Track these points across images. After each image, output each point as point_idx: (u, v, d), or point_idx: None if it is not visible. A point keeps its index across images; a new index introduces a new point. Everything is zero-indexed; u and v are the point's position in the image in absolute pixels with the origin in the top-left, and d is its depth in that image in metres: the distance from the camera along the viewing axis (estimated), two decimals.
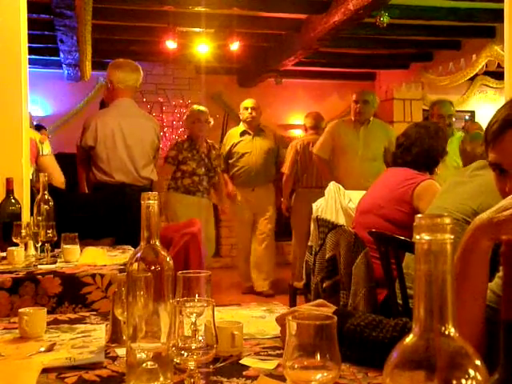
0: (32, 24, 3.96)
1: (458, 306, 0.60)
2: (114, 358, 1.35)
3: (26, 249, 2.67)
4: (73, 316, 1.81)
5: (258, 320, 1.69)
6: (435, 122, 4.26)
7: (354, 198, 3.79)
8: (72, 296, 2.27)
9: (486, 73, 7.84)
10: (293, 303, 4.24)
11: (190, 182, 5.45)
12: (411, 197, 2.99)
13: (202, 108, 5.69)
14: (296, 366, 0.87)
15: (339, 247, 2.83)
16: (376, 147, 5.36)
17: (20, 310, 1.57)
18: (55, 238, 2.66)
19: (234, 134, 6.27)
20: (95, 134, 3.87)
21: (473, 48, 7.49)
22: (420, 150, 3.13)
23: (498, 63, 6.88)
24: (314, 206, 3.88)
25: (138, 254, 1.17)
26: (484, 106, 8.93)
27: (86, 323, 1.68)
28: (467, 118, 9.06)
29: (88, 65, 7.21)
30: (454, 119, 5.36)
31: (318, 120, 6.27)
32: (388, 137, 5.38)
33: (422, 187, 2.99)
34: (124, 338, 1.32)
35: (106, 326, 1.59)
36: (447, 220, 0.60)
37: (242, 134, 6.16)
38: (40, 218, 2.73)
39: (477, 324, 1.13)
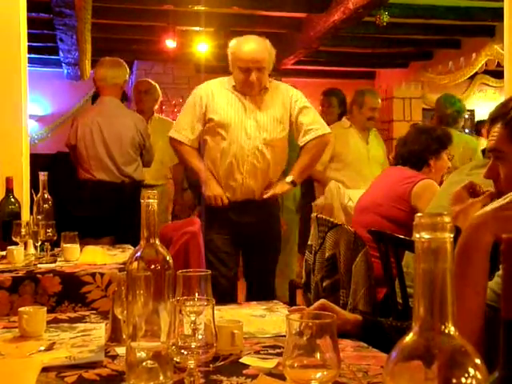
0: (32, 23, 3.96)
1: (458, 302, 0.60)
2: (114, 357, 1.35)
3: (25, 248, 2.67)
4: (73, 315, 1.81)
5: (257, 319, 1.69)
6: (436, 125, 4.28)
7: (353, 196, 3.80)
8: (72, 295, 2.27)
9: (486, 72, 7.84)
10: (292, 303, 4.24)
11: None
12: (409, 195, 3.00)
13: None
14: (296, 364, 0.87)
15: (339, 246, 2.84)
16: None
17: (20, 309, 1.57)
18: (55, 237, 2.66)
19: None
20: (76, 132, 3.93)
21: (472, 47, 7.49)
22: (411, 149, 3.16)
23: (498, 62, 6.88)
24: (314, 205, 3.88)
25: (138, 253, 1.17)
26: (483, 105, 8.93)
27: (85, 322, 1.68)
28: (467, 116, 9.06)
29: (88, 64, 7.21)
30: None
31: None
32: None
33: (420, 186, 3.01)
34: (124, 336, 1.32)
35: (106, 324, 1.59)
36: (447, 219, 0.60)
37: None
38: (40, 217, 2.73)
39: (477, 319, 1.13)
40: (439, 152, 3.17)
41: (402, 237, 2.54)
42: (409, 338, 0.61)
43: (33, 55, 6.66)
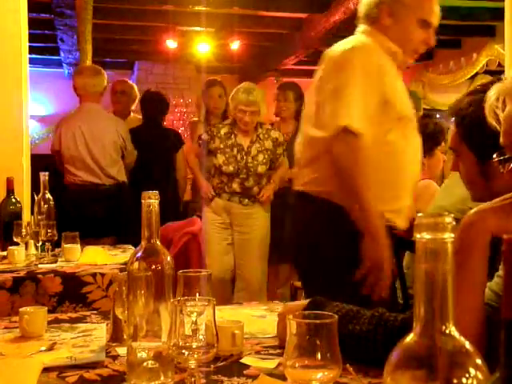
0: (32, 23, 3.96)
1: (457, 298, 0.61)
2: (115, 357, 1.35)
3: (26, 248, 2.67)
4: (73, 315, 1.81)
5: (258, 319, 1.69)
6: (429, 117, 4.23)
7: None
8: (73, 295, 2.27)
9: (487, 72, 7.83)
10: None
11: None
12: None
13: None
14: (297, 365, 0.87)
15: None
16: None
17: (21, 309, 1.57)
18: (56, 237, 2.66)
19: None
20: (59, 139, 4.09)
21: (473, 47, 7.49)
22: None
23: (499, 62, 6.89)
24: None
25: (139, 254, 1.17)
26: None
27: (86, 322, 1.68)
28: None
29: (88, 64, 7.20)
30: None
31: None
32: None
33: (419, 187, 2.99)
34: (125, 337, 1.32)
35: (107, 325, 1.59)
36: (448, 219, 0.60)
37: None
38: (40, 217, 2.73)
39: (475, 316, 1.13)
40: (432, 150, 3.12)
41: (403, 237, 2.53)
42: (410, 338, 0.61)
43: (34, 55, 6.66)
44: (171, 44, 6.75)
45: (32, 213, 2.94)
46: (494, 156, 1.25)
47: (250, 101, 3.83)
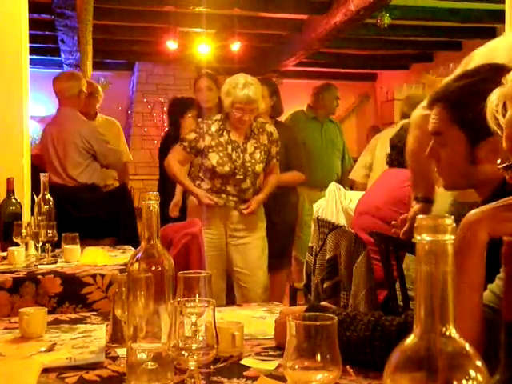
0: (33, 24, 3.97)
1: (456, 299, 0.60)
2: (115, 358, 1.35)
3: (26, 249, 2.67)
4: (73, 316, 1.81)
5: (258, 320, 1.70)
6: None
7: (354, 198, 3.79)
8: (72, 296, 2.27)
9: None
10: (292, 303, 4.24)
11: None
12: (409, 199, 2.99)
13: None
14: (296, 366, 0.87)
15: (340, 248, 2.83)
16: None
17: (20, 310, 1.57)
18: (56, 238, 2.66)
19: None
20: (40, 141, 4.36)
21: (473, 49, 7.47)
22: (403, 149, 3.13)
23: None
24: (315, 206, 3.88)
25: (139, 254, 1.17)
26: None
27: (86, 323, 1.68)
28: None
29: (89, 65, 7.21)
30: None
31: None
32: None
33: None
34: (124, 338, 1.32)
35: (107, 326, 1.59)
36: (448, 221, 0.60)
37: None
38: (40, 218, 2.73)
39: (474, 317, 1.13)
40: None
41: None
42: (410, 340, 0.61)
43: (34, 56, 6.66)
44: (172, 45, 6.75)
45: (32, 213, 2.94)
46: (498, 162, 1.26)
47: (251, 99, 3.39)
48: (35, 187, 3.92)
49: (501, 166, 1.25)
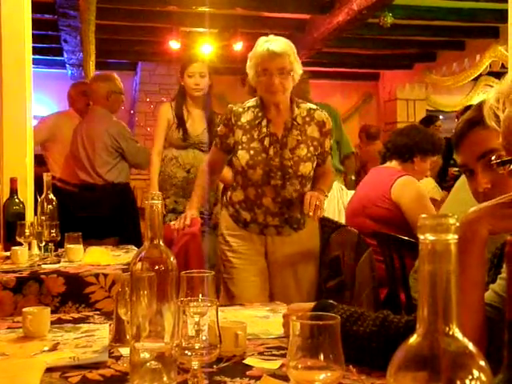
0: (36, 24, 3.97)
1: (457, 297, 0.60)
2: (118, 358, 1.35)
3: (29, 248, 2.68)
4: (76, 315, 1.81)
5: (261, 320, 1.69)
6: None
7: None
8: (75, 295, 2.27)
9: (490, 73, 7.83)
10: None
11: None
12: (389, 192, 3.00)
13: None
14: (300, 366, 0.87)
15: (343, 247, 2.83)
16: None
17: (24, 310, 1.57)
18: (59, 238, 2.66)
19: None
20: (71, 140, 4.36)
21: (476, 48, 7.49)
22: (403, 140, 3.16)
23: (502, 63, 6.88)
24: None
25: (142, 254, 1.17)
26: None
27: (89, 323, 1.69)
28: None
29: (92, 65, 7.22)
30: None
31: None
32: None
33: (400, 183, 3.01)
34: (127, 337, 1.32)
35: (110, 325, 1.59)
36: (451, 220, 0.60)
37: None
38: (44, 218, 2.74)
39: (476, 314, 1.13)
40: (427, 153, 3.17)
41: (406, 238, 2.54)
42: (413, 339, 0.61)
43: (37, 56, 6.67)
44: (174, 45, 6.76)
45: (35, 213, 2.94)
46: (493, 158, 1.26)
47: (274, 53, 2.59)
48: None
49: (494, 161, 1.25)
